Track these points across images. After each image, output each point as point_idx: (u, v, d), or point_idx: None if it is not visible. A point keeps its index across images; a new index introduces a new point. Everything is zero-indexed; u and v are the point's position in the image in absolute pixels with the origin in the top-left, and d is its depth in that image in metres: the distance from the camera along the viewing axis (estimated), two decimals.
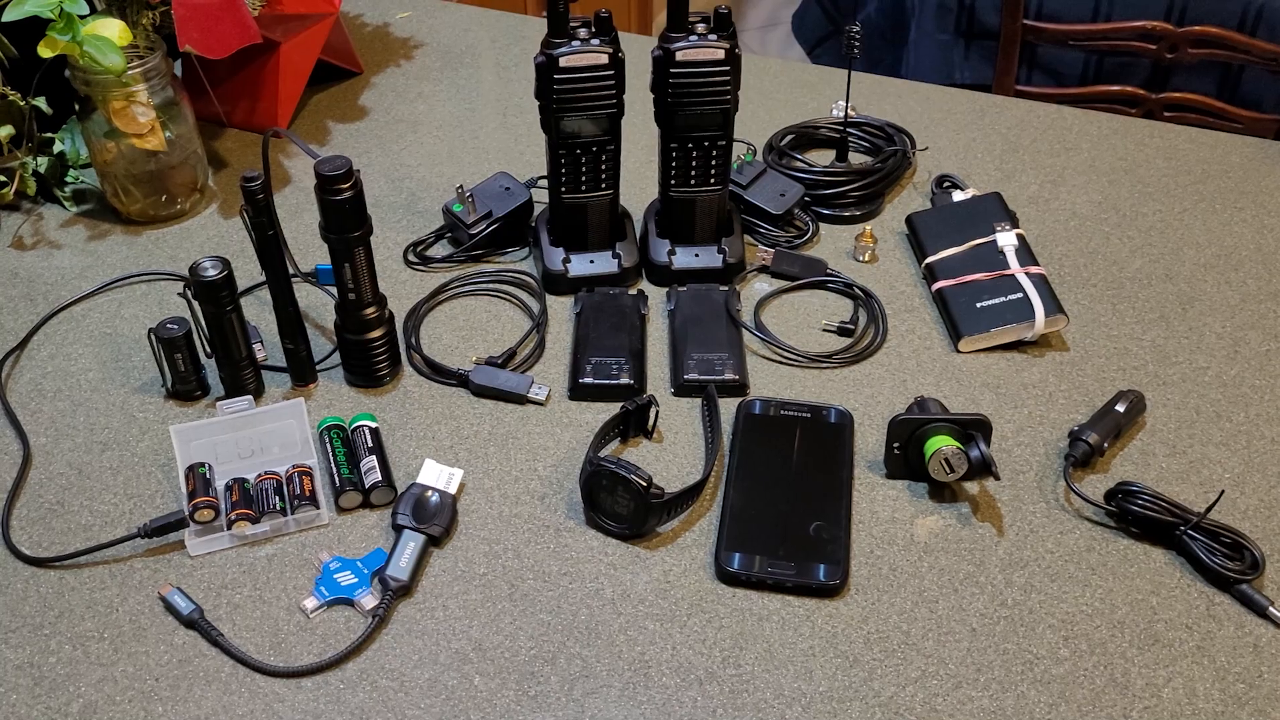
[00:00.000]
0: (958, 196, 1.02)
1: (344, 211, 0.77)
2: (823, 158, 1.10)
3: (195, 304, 0.80)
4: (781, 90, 1.20)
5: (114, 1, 0.98)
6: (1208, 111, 1.73)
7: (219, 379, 0.84)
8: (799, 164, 1.06)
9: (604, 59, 0.86)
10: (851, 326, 0.90)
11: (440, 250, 1.00)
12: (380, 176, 1.08)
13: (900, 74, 2.18)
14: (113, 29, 0.94)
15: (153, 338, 0.81)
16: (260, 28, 1.03)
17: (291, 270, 0.85)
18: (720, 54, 0.86)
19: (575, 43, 0.85)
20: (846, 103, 1.05)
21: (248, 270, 0.96)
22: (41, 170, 1.02)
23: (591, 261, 0.95)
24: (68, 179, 1.04)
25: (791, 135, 1.10)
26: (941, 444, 0.75)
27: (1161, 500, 0.74)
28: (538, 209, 1.00)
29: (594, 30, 0.86)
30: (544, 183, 1.03)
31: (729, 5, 0.86)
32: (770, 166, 1.02)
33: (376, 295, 0.83)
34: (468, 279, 0.96)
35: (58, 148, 1.04)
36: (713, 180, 0.93)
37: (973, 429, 0.76)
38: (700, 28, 0.86)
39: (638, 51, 0.98)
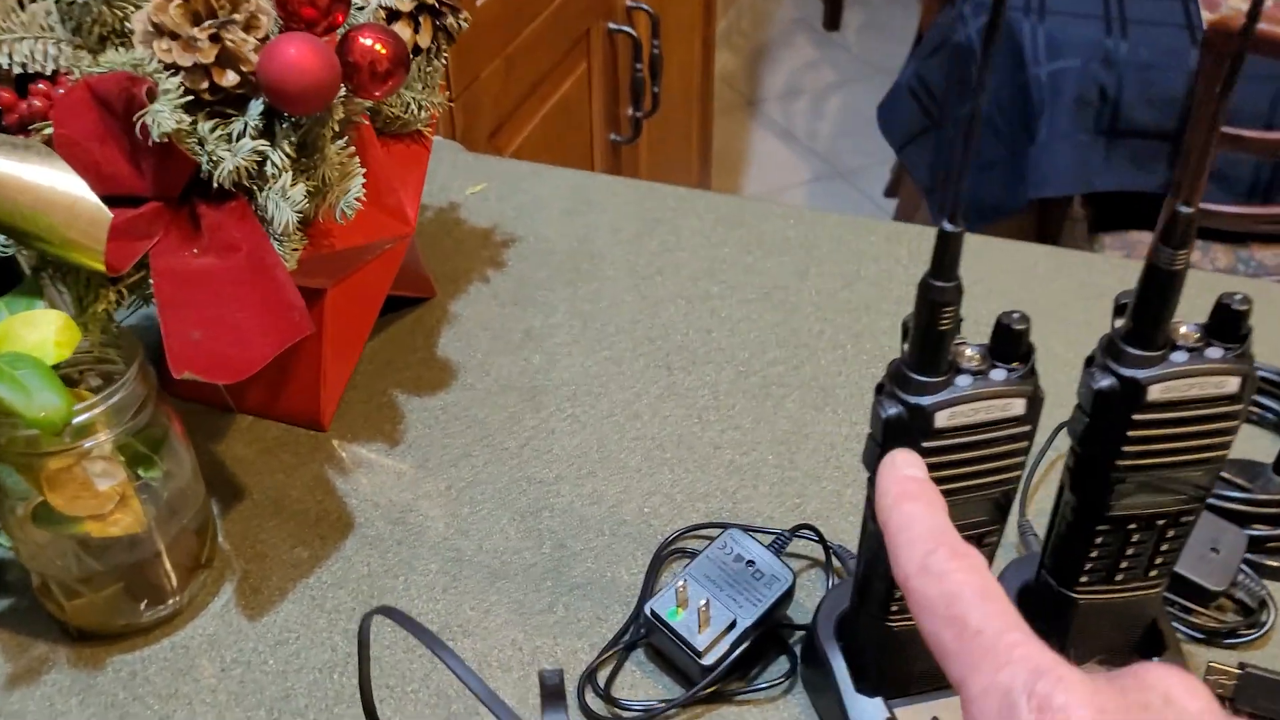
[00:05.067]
0: None
1: None
2: None
3: None
4: (1057, 292, 0.79)
5: (44, 269, 0.56)
6: None
7: None
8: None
9: (1019, 406, 0.44)
10: None
11: (637, 679, 0.57)
12: (496, 503, 0.65)
13: (1023, 179, 1.79)
14: (45, 329, 0.51)
15: None
16: (296, 275, 0.60)
17: None
18: (1234, 385, 0.45)
19: (963, 379, 0.44)
20: None
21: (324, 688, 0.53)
22: None
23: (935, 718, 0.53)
24: None
25: None
26: None
27: None
28: (802, 587, 0.59)
29: (991, 355, 0.44)
30: (806, 533, 0.62)
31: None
32: None
33: None
34: None
35: None
36: (1154, 575, 0.52)
37: None
38: (1188, 334, 0.45)
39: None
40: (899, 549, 0.32)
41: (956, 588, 0.30)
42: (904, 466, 0.33)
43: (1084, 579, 0.51)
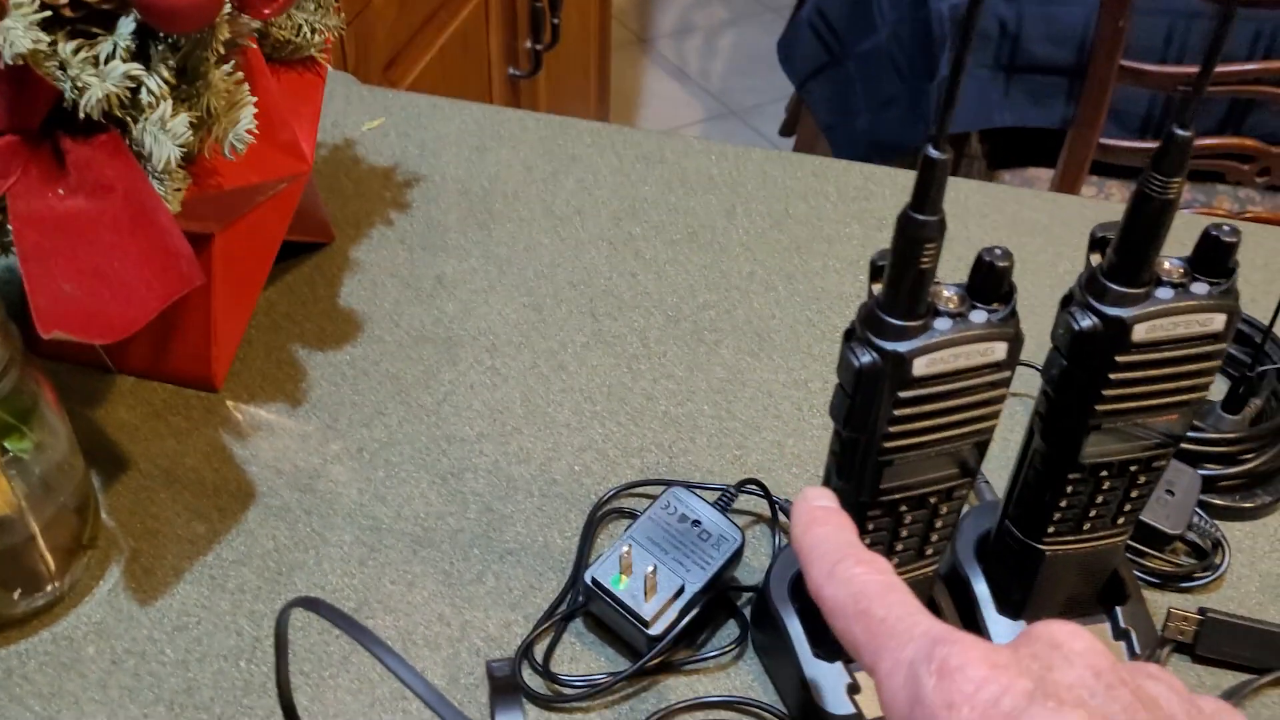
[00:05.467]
0: None
1: None
2: None
3: None
4: (992, 228, 0.77)
5: None
6: None
7: None
8: None
9: (1000, 351, 0.41)
10: None
11: (577, 652, 0.53)
12: (414, 465, 0.60)
13: (924, 116, 1.78)
14: None
15: None
16: (181, 219, 0.53)
17: None
18: (1220, 323, 0.43)
19: (941, 322, 0.40)
20: None
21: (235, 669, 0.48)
22: None
23: None
24: None
25: None
26: None
27: None
28: (751, 548, 0.55)
29: (970, 295, 0.41)
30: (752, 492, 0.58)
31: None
32: None
33: None
34: (659, 716, 0.50)
35: None
36: (1120, 523, 0.49)
37: None
38: (1172, 269, 0.43)
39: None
40: (810, 565, 0.34)
41: (862, 586, 0.32)
42: (815, 499, 0.36)
43: (1051, 530, 0.49)
